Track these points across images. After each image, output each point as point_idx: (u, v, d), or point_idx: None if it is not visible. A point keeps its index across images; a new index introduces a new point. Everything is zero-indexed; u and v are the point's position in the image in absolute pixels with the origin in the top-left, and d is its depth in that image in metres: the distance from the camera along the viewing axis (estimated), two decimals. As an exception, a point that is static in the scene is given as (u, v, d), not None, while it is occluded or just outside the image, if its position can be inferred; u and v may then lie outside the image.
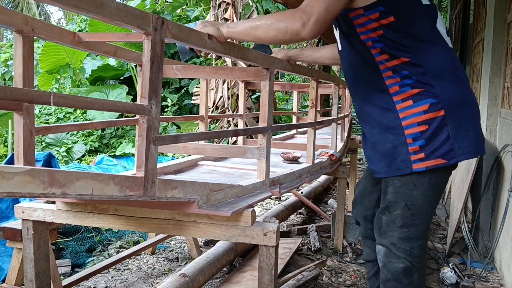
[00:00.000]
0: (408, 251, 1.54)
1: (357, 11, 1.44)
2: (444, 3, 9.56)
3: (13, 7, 16.67)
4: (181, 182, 1.38)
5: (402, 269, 1.54)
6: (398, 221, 1.53)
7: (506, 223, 2.81)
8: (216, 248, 2.64)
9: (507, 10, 3.31)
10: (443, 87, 1.45)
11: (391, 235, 1.55)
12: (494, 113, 3.44)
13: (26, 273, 1.67)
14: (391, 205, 1.55)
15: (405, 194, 1.51)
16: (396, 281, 1.57)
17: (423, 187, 1.49)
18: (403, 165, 1.47)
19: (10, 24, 1.29)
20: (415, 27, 1.45)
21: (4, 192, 0.91)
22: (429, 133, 1.44)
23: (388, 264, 1.57)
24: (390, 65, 1.48)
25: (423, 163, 1.45)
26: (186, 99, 8.93)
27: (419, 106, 1.45)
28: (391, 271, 1.57)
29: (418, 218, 1.52)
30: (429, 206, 1.52)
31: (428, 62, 1.45)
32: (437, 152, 1.44)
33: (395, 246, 1.55)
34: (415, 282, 1.56)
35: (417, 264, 1.55)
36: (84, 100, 1.10)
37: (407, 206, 1.51)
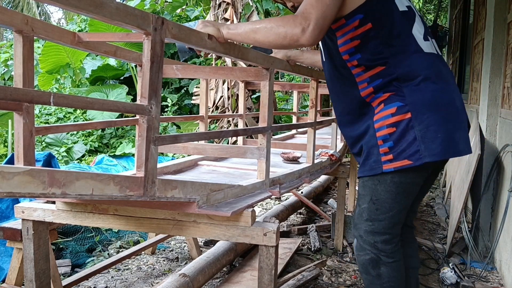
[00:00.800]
0: (372, 244, 1.59)
1: (339, 22, 1.48)
2: (444, 3, 9.55)
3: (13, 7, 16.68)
4: (181, 182, 1.38)
5: (369, 260, 1.59)
6: (364, 214, 1.59)
7: (506, 223, 2.81)
8: (216, 248, 2.64)
9: (507, 10, 3.31)
10: (412, 90, 1.47)
11: (360, 227, 1.62)
12: (494, 113, 3.44)
13: (26, 273, 1.67)
14: (360, 198, 1.61)
15: (370, 188, 1.56)
16: (366, 273, 1.62)
17: (386, 184, 1.53)
18: (375, 165, 1.52)
19: (10, 24, 1.29)
20: (391, 34, 1.48)
21: (4, 192, 0.91)
22: (397, 135, 1.47)
23: (358, 257, 1.64)
24: (366, 76, 1.53)
25: (392, 164, 1.49)
26: (186, 99, 8.92)
27: (388, 109, 1.49)
28: (360, 263, 1.63)
29: (382, 213, 1.56)
30: (393, 203, 1.55)
31: (401, 68, 1.48)
32: (404, 153, 1.47)
33: (362, 238, 1.61)
34: (383, 274, 1.59)
35: (383, 258, 1.59)
36: (84, 100, 1.10)
37: (372, 200, 1.56)
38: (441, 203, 4.69)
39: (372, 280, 1.61)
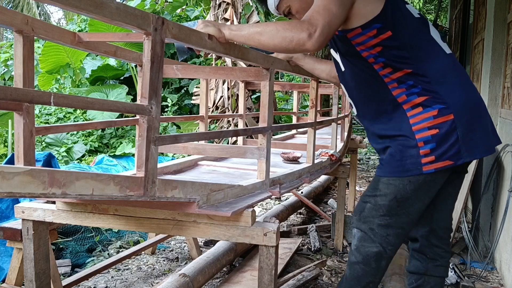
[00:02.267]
0: (384, 237, 1.58)
1: (355, 31, 1.49)
2: (444, 3, 9.56)
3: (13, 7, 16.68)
4: (181, 182, 1.38)
5: (374, 253, 1.59)
6: (382, 210, 1.57)
7: (506, 223, 2.81)
8: (216, 248, 2.64)
9: (507, 10, 3.31)
10: (449, 92, 1.50)
11: (372, 221, 1.59)
12: (494, 113, 3.44)
13: (26, 273, 1.67)
14: (380, 195, 1.58)
15: (397, 187, 1.55)
16: (365, 265, 1.61)
17: (418, 184, 1.53)
18: (412, 166, 1.51)
19: (10, 24, 1.29)
20: (412, 39, 1.50)
21: (4, 192, 0.91)
22: (440, 136, 1.48)
23: (361, 248, 1.62)
24: (395, 77, 1.52)
25: (433, 165, 1.50)
26: (186, 99, 8.92)
27: (429, 111, 1.49)
28: (362, 254, 1.61)
29: (402, 209, 1.57)
30: (417, 201, 1.57)
31: (430, 70, 1.50)
32: (446, 154, 1.49)
33: (373, 231, 1.59)
34: (382, 267, 1.61)
35: (389, 251, 1.60)
36: (84, 100, 1.10)
37: (396, 198, 1.55)
38: (441, 203, 4.69)
39: (369, 271, 1.61)
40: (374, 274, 1.62)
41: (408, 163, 1.52)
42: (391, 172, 1.56)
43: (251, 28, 1.49)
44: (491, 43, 3.44)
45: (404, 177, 1.53)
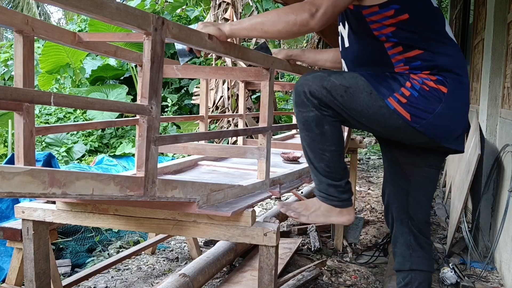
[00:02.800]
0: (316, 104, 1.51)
1: (372, 9, 1.47)
2: (444, 3, 9.56)
3: (13, 7, 16.67)
4: (181, 182, 1.38)
5: (313, 117, 1.53)
6: (327, 83, 1.50)
7: (506, 223, 2.81)
8: (216, 248, 2.64)
9: (507, 10, 3.31)
10: (451, 78, 1.51)
11: (310, 85, 1.51)
12: (494, 113, 3.44)
13: (26, 273, 1.67)
14: (338, 76, 1.52)
15: (358, 84, 1.49)
16: (308, 130, 1.55)
17: (373, 102, 1.48)
18: (384, 90, 1.48)
19: (10, 24, 1.29)
20: (428, 26, 1.50)
21: (4, 192, 0.91)
22: (425, 93, 1.47)
23: (299, 113, 1.56)
24: (402, 57, 1.51)
25: (397, 105, 1.47)
26: (186, 99, 8.92)
27: (430, 76, 1.49)
28: (301, 120, 1.56)
29: (343, 99, 1.50)
30: (358, 112, 1.51)
31: (440, 57, 1.50)
32: (415, 110, 1.46)
33: (305, 96, 1.52)
34: (327, 132, 1.54)
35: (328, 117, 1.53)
36: (84, 100, 1.10)
37: (348, 89, 1.49)
38: (441, 203, 4.69)
39: (315, 137, 1.56)
40: (322, 140, 1.55)
41: (385, 85, 1.49)
42: (367, 76, 1.52)
43: (252, 19, 1.49)
44: (491, 43, 3.44)
45: (372, 87, 1.49)
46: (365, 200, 5.00)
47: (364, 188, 5.64)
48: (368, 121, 1.55)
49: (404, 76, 1.51)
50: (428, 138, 1.53)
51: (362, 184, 5.85)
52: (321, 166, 1.59)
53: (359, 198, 5.02)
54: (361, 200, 5.00)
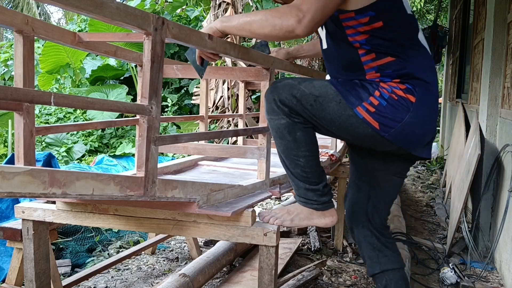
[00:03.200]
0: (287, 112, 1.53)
1: (348, 14, 1.47)
2: (444, 3, 9.55)
3: (13, 7, 16.67)
4: (182, 182, 1.38)
5: (284, 125, 1.54)
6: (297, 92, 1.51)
7: (506, 223, 2.81)
8: (216, 248, 2.64)
9: (507, 10, 3.31)
10: (420, 86, 1.51)
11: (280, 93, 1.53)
12: (494, 113, 3.44)
13: (26, 273, 1.67)
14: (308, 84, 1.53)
15: (328, 93, 1.51)
16: (281, 138, 1.58)
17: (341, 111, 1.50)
18: (354, 99, 1.49)
19: (10, 24, 1.29)
20: (401, 33, 1.50)
21: (4, 192, 0.91)
22: (394, 102, 1.48)
23: (270, 121, 1.58)
24: (375, 64, 1.51)
25: (366, 114, 1.48)
26: (186, 99, 8.92)
27: (399, 84, 1.50)
28: (273, 128, 1.58)
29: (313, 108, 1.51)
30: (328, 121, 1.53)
31: (411, 65, 1.50)
32: (383, 119, 1.48)
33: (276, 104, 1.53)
34: (299, 138, 1.56)
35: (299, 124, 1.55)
36: (84, 100, 1.10)
37: (317, 97, 1.51)
38: (441, 203, 4.69)
39: (288, 144, 1.57)
40: (295, 147, 1.57)
41: (354, 94, 1.50)
42: (336, 85, 1.53)
43: (241, 18, 1.48)
44: (491, 43, 3.44)
45: (341, 96, 1.50)
46: (365, 200, 4.99)
47: (364, 188, 5.63)
48: (338, 129, 1.56)
49: (373, 85, 1.51)
50: (396, 147, 1.55)
51: (362, 184, 5.84)
52: (297, 171, 1.61)
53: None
54: (361, 200, 4.99)
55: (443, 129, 8.22)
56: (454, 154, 4.69)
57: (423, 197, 5.26)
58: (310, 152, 1.59)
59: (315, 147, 1.62)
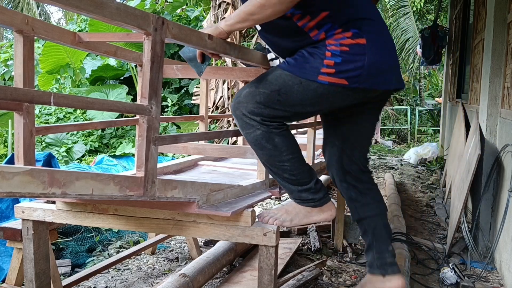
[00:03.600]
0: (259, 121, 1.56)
1: None
2: (444, 3, 9.56)
3: (13, 7, 16.67)
4: (181, 182, 1.38)
5: (261, 135, 1.57)
6: (259, 97, 1.55)
7: (506, 223, 2.81)
8: (216, 248, 2.64)
9: (507, 10, 3.31)
10: (365, 24, 1.54)
11: (245, 106, 1.56)
12: (494, 113, 3.44)
13: (26, 273, 1.67)
14: (264, 84, 1.56)
15: (285, 83, 1.54)
16: (261, 149, 1.60)
17: (306, 89, 1.53)
18: (311, 71, 1.52)
19: (10, 24, 1.29)
20: None
21: (4, 192, 0.91)
22: (348, 54, 1.50)
23: (247, 135, 1.60)
24: (313, 24, 1.53)
25: (329, 78, 1.51)
26: (186, 99, 8.92)
27: (345, 33, 1.52)
28: (251, 140, 1.60)
29: (281, 106, 1.55)
30: (299, 105, 1.56)
31: (347, 9, 1.53)
32: (346, 74, 1.50)
33: (246, 117, 1.56)
34: (278, 144, 1.59)
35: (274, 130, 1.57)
36: (84, 100, 1.10)
37: (279, 92, 1.54)
38: (441, 203, 4.69)
39: (270, 152, 1.59)
40: (277, 153, 1.59)
41: (308, 67, 1.52)
42: (288, 68, 1.56)
43: (240, 11, 1.50)
44: (491, 43, 3.44)
45: (298, 76, 1.52)
46: (365, 200, 4.99)
47: (364, 188, 5.63)
48: (313, 106, 1.59)
49: (320, 48, 1.53)
50: (371, 91, 1.58)
51: (362, 184, 5.84)
52: (286, 176, 1.63)
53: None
54: (361, 200, 4.99)
55: (443, 129, 8.22)
56: (454, 154, 4.69)
57: (423, 197, 5.26)
58: (292, 154, 1.61)
59: (296, 147, 1.64)
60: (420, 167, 7.32)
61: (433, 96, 14.54)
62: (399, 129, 12.32)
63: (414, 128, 12.09)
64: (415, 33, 12.05)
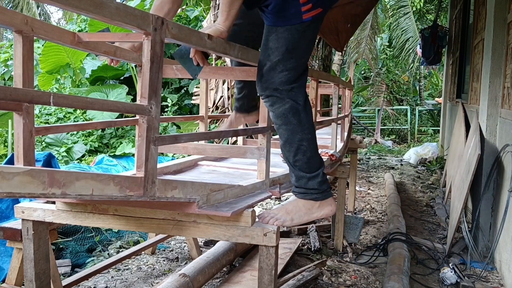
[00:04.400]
0: (289, 91, 1.65)
1: None
2: (444, 3, 9.56)
3: (13, 7, 16.66)
4: (181, 182, 1.38)
5: (289, 108, 1.65)
6: (279, 66, 1.64)
7: (506, 223, 2.81)
8: (216, 248, 2.64)
9: (507, 10, 3.31)
10: None
11: (273, 81, 1.64)
12: (494, 113, 3.43)
13: (26, 273, 1.67)
14: (271, 53, 1.65)
15: (287, 39, 1.63)
16: (286, 124, 1.67)
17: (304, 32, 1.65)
18: (295, 15, 1.62)
19: (10, 24, 1.29)
20: None
21: (4, 192, 0.91)
22: None
23: (275, 110, 1.67)
24: None
25: (311, 13, 1.62)
26: (186, 99, 8.92)
27: None
28: (279, 115, 1.67)
29: (296, 61, 1.65)
30: (306, 49, 1.69)
31: None
32: (317, 2, 1.63)
33: (278, 91, 1.64)
34: (303, 120, 1.67)
35: (301, 104, 1.67)
36: (84, 100, 1.10)
37: (288, 50, 1.63)
38: (441, 203, 4.69)
39: (293, 128, 1.66)
40: (302, 129, 1.67)
41: (289, 14, 1.61)
42: (277, 22, 1.64)
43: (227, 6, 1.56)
44: (491, 43, 3.44)
45: (290, 25, 1.62)
46: (365, 200, 5.00)
47: (364, 188, 5.64)
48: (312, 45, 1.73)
49: None
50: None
51: (362, 184, 5.85)
52: (300, 158, 1.69)
53: (359, 198, 5.02)
54: (361, 200, 5.00)
55: (443, 129, 8.22)
56: (454, 154, 4.69)
57: (423, 197, 5.26)
58: (311, 134, 1.69)
59: (314, 128, 1.73)
60: (420, 167, 7.32)
61: (433, 96, 14.54)
62: (399, 129, 12.32)
63: (414, 128, 12.09)
64: (415, 33, 12.05)
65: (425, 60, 8.06)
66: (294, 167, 1.70)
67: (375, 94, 13.36)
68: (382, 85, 13.26)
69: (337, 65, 9.33)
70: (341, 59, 9.83)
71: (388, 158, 8.39)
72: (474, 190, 3.42)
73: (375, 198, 5.13)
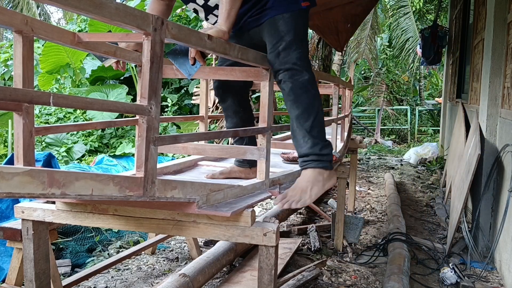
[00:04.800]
0: (308, 64, 1.84)
1: None
2: (444, 3, 9.55)
3: (13, 7, 16.66)
4: (181, 182, 1.38)
5: (309, 79, 1.82)
6: (293, 46, 1.80)
7: (506, 223, 2.81)
8: (216, 248, 2.64)
9: (507, 10, 3.31)
10: None
11: (289, 59, 1.79)
12: (494, 113, 3.43)
13: (26, 273, 1.67)
14: (284, 35, 1.81)
15: (293, 23, 1.82)
16: (307, 93, 1.82)
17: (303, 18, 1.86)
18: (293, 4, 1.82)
19: (10, 24, 1.29)
20: None
21: (3, 192, 0.91)
22: None
23: (295, 82, 1.80)
24: None
25: (305, 3, 1.84)
26: (186, 99, 8.92)
27: None
28: (300, 86, 1.81)
29: (304, 42, 1.87)
30: (305, 34, 1.91)
31: None
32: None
33: (297, 65, 1.80)
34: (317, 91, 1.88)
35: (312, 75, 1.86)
36: (84, 100, 1.10)
37: (296, 32, 1.82)
38: (441, 203, 4.69)
39: (313, 96, 1.83)
40: (318, 98, 1.86)
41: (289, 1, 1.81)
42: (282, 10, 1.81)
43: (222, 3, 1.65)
44: (491, 43, 3.44)
45: (292, 11, 1.81)
46: (365, 200, 5.00)
47: (364, 188, 5.64)
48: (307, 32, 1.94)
49: None
50: None
51: (362, 184, 5.85)
52: (316, 125, 1.83)
53: (359, 198, 5.02)
54: (361, 200, 5.00)
55: (443, 129, 8.22)
56: (454, 154, 4.68)
57: (423, 197, 5.26)
58: (321, 106, 1.88)
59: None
60: (420, 167, 7.32)
61: (433, 96, 14.54)
62: (399, 129, 12.32)
63: (414, 128, 12.09)
64: (415, 33, 12.05)
65: (425, 60, 8.06)
66: (310, 134, 1.81)
67: (375, 94, 13.36)
68: (382, 85, 13.26)
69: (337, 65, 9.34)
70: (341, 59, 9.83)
71: (388, 158, 8.39)
72: (474, 190, 3.41)
73: (375, 198, 5.13)
